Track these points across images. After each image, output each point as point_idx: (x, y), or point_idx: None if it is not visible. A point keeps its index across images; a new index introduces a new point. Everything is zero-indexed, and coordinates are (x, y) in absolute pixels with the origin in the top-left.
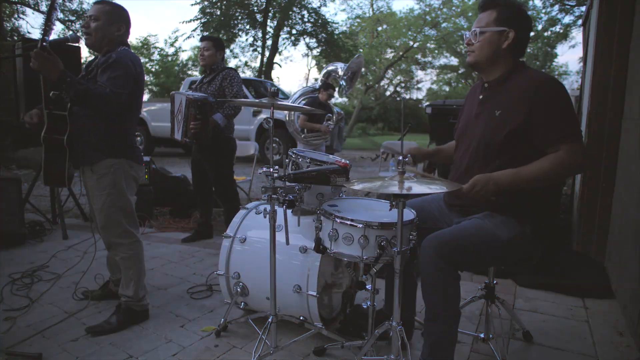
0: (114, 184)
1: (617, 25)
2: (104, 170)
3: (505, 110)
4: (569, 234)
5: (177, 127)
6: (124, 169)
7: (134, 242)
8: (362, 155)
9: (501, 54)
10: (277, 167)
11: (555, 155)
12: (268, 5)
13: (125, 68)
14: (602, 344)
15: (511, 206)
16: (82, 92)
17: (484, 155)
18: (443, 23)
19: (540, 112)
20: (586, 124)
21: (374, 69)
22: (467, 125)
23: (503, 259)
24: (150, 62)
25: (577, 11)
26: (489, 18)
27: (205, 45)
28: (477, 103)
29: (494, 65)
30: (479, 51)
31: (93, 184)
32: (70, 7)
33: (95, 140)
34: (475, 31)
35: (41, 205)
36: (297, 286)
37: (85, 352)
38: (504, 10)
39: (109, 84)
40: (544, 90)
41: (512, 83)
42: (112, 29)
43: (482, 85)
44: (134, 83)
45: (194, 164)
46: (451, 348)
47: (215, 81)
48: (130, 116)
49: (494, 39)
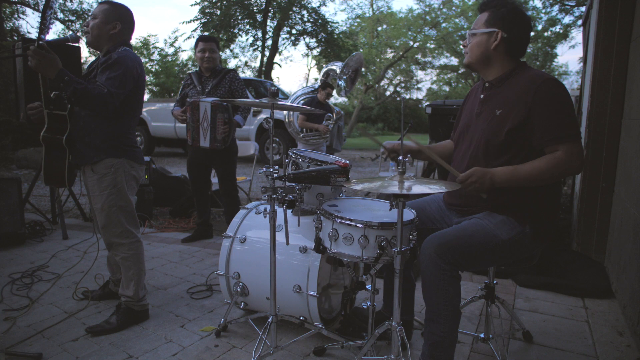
0: (115, 183)
1: (617, 25)
2: (104, 170)
3: (506, 110)
4: (569, 234)
5: (203, 134)
6: (125, 168)
7: (134, 242)
8: (362, 155)
9: (492, 54)
10: (277, 167)
11: (553, 155)
12: (268, 5)
13: (124, 68)
14: (602, 344)
15: (511, 206)
16: (79, 91)
17: (485, 154)
18: (443, 23)
19: (539, 112)
20: (586, 123)
21: (374, 69)
22: (469, 125)
23: (503, 258)
24: (150, 62)
25: (577, 11)
26: (481, 20)
27: (209, 46)
28: (479, 102)
29: (489, 65)
30: (471, 52)
31: (94, 184)
32: (70, 7)
33: (96, 140)
34: (468, 33)
35: (41, 205)
36: (297, 286)
37: (85, 352)
38: (495, 11)
39: (107, 84)
40: (544, 90)
41: (513, 82)
42: (108, 27)
43: (483, 84)
44: (134, 84)
45: (193, 165)
46: (451, 348)
47: (223, 84)
48: (131, 116)
49: (483, 40)
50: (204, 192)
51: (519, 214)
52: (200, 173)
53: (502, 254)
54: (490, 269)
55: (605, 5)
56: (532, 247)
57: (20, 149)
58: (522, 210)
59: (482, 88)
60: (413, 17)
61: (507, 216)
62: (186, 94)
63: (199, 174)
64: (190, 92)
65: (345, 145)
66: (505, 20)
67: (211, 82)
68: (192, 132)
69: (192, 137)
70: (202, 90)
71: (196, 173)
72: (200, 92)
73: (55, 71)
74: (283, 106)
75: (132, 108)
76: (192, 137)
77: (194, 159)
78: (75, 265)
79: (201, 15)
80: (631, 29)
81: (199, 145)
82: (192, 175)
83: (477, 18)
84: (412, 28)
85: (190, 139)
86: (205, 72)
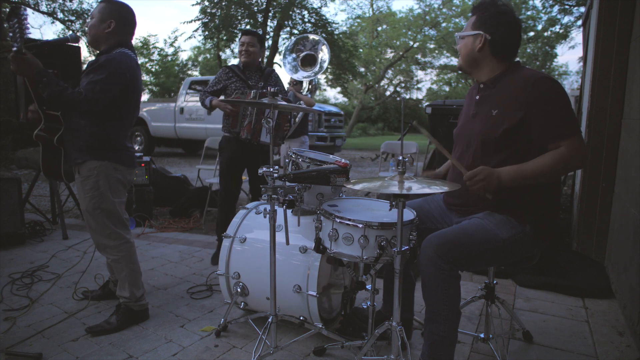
0: (97, 186)
1: (617, 25)
2: (87, 172)
3: (502, 110)
4: (569, 234)
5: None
6: (108, 172)
7: (122, 243)
8: (362, 155)
9: (478, 56)
10: (277, 167)
11: (557, 151)
12: (268, 5)
13: (109, 73)
14: (602, 344)
15: (511, 205)
16: (54, 93)
17: (483, 152)
18: (443, 23)
19: (538, 111)
20: (586, 124)
21: (373, 69)
22: (465, 126)
23: (503, 258)
24: (150, 62)
25: (577, 11)
26: (469, 23)
27: (249, 40)
28: (474, 103)
29: (478, 67)
30: (460, 55)
31: (79, 185)
32: (70, 7)
33: (79, 142)
34: (458, 36)
35: (41, 205)
36: (297, 286)
37: (85, 352)
38: (481, 14)
39: (87, 88)
40: (539, 89)
41: (507, 83)
42: (103, 26)
43: (478, 86)
44: (123, 88)
45: (231, 165)
46: (451, 348)
47: (270, 83)
48: (119, 120)
49: (469, 43)
50: (235, 199)
51: (519, 213)
52: (237, 174)
53: (503, 254)
54: (491, 269)
55: (605, 5)
56: (533, 247)
57: (20, 149)
58: (522, 210)
59: (477, 89)
60: (413, 17)
61: (507, 216)
62: (225, 86)
63: (236, 176)
64: (234, 86)
65: (345, 145)
66: (490, 23)
67: (255, 77)
68: (253, 125)
69: (252, 131)
70: (247, 84)
71: (232, 174)
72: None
73: (33, 72)
74: (283, 106)
75: (120, 112)
76: (253, 131)
77: (233, 157)
78: (75, 265)
79: (202, 15)
80: (631, 29)
81: (259, 140)
82: (228, 176)
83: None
84: (412, 28)
85: (250, 133)
86: (246, 67)
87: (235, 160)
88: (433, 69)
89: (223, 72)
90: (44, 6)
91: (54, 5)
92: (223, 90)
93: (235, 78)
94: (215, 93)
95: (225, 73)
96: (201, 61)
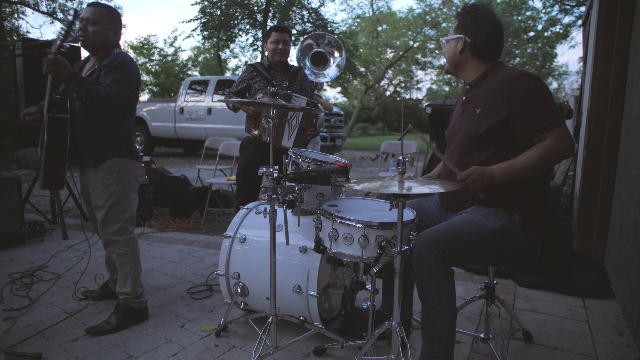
0: (119, 181)
1: (617, 25)
2: (109, 168)
3: (485, 108)
4: (569, 234)
5: (289, 132)
6: (128, 167)
7: (129, 238)
8: (362, 155)
9: (460, 58)
10: (277, 167)
11: (543, 144)
12: (268, 5)
13: (128, 70)
14: (602, 344)
15: (499, 198)
16: (92, 92)
17: (468, 149)
18: (443, 23)
19: (520, 107)
20: (586, 124)
21: (374, 69)
22: (454, 126)
23: (496, 250)
24: (150, 62)
25: (577, 11)
26: (452, 28)
27: (283, 36)
28: (461, 104)
29: (462, 69)
30: (445, 59)
31: (97, 182)
32: (70, 7)
33: (100, 141)
34: (442, 41)
35: (41, 205)
36: (297, 286)
37: (85, 352)
38: (462, 19)
39: (114, 86)
40: (519, 85)
41: (490, 81)
42: (110, 32)
43: (465, 87)
44: (136, 85)
45: (249, 166)
46: (450, 345)
47: (296, 81)
48: (130, 117)
49: (451, 46)
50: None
51: (507, 203)
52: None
53: (494, 245)
54: (490, 269)
55: (605, 5)
56: (525, 237)
57: (20, 149)
58: (510, 200)
59: (465, 90)
60: (413, 17)
61: (495, 207)
62: (249, 85)
63: (255, 180)
64: (257, 85)
65: (345, 145)
66: (469, 26)
67: (280, 76)
68: (276, 127)
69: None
70: (271, 83)
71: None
72: (270, 86)
73: (67, 73)
74: (283, 106)
75: (131, 109)
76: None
77: (253, 159)
78: (75, 265)
79: (201, 15)
80: (631, 29)
81: (281, 144)
82: (245, 177)
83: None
84: (412, 28)
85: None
86: (276, 66)
87: (254, 162)
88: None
89: (247, 71)
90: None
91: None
92: (247, 89)
93: (259, 77)
94: (239, 93)
95: (250, 72)
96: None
